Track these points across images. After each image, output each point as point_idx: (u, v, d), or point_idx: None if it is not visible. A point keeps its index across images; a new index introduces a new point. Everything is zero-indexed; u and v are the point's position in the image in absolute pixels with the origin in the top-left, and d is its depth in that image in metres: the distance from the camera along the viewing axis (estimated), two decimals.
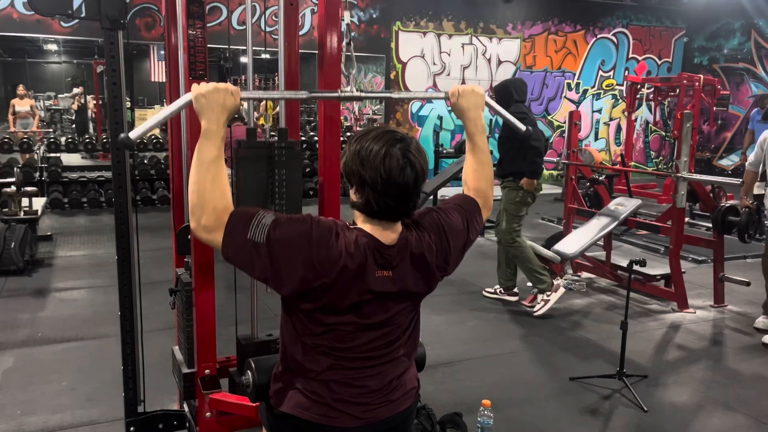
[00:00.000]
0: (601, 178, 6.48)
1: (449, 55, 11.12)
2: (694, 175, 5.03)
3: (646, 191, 9.92)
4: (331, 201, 2.28)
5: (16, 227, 5.81)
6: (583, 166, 6.41)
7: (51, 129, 15.07)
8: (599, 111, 12.70)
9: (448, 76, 11.16)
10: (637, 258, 3.73)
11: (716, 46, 12.90)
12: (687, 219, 6.74)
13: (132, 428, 2.59)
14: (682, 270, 5.06)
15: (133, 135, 1.50)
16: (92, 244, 6.81)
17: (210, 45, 2.19)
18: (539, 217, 8.61)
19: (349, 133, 9.50)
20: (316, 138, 8.37)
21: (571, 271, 5.82)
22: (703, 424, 3.31)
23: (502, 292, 5.11)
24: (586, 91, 12.45)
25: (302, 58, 2.48)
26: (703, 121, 11.11)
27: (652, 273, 5.22)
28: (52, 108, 18.20)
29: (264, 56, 11.30)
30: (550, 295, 4.79)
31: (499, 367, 3.94)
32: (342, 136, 5.15)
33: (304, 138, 9.52)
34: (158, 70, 14.78)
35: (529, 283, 5.24)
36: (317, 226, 1.44)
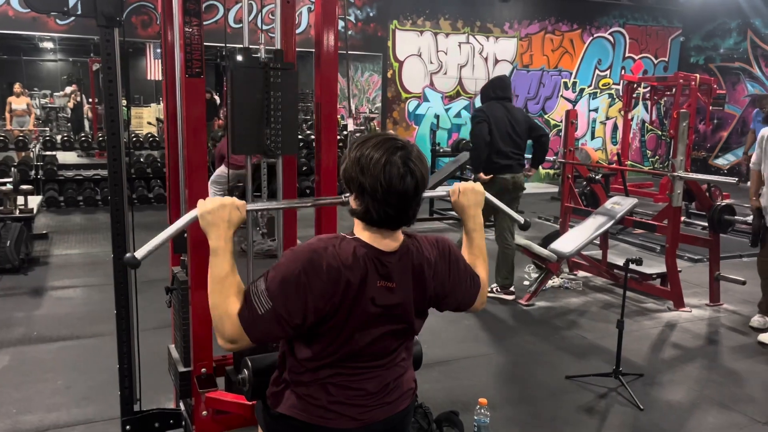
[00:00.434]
0: (597, 177, 6.49)
1: (446, 53, 11.12)
2: (690, 174, 5.04)
3: (642, 190, 9.95)
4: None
5: (11, 225, 5.80)
6: (579, 165, 6.42)
7: (47, 127, 15.02)
8: (596, 110, 12.72)
9: (445, 74, 11.16)
10: (634, 257, 3.74)
11: (712, 46, 12.92)
12: (683, 218, 6.75)
13: (128, 427, 2.59)
14: (678, 269, 5.06)
15: (139, 255, 1.48)
16: (88, 242, 6.80)
17: (206, 43, 2.18)
18: (536, 216, 8.62)
19: (345, 132, 9.49)
20: (313, 137, 8.36)
21: (567, 270, 5.82)
22: (698, 422, 3.31)
23: (499, 290, 5.12)
24: (582, 90, 12.46)
25: (299, 57, 2.48)
26: (699, 121, 11.14)
27: (649, 272, 5.22)
28: (48, 106, 18.14)
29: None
30: (500, 292, 5.10)
31: (495, 365, 3.94)
32: (339, 135, 5.14)
33: (301, 137, 9.51)
34: (154, 68, 14.75)
35: (526, 282, 5.26)
36: (303, 258, 1.43)
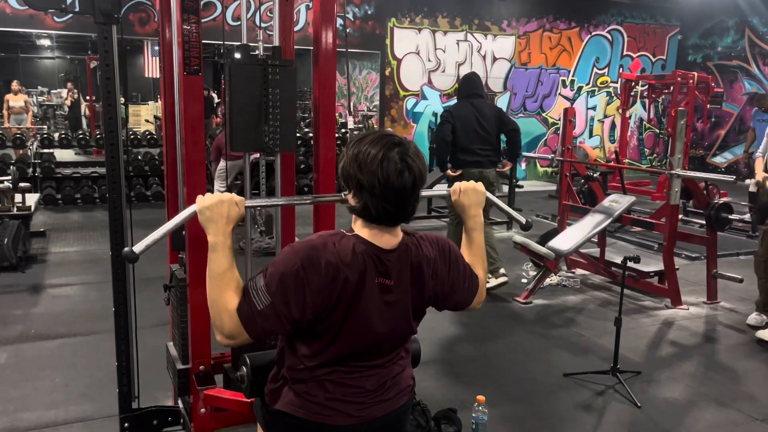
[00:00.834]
0: (595, 175, 6.48)
1: (444, 51, 11.12)
2: (688, 172, 5.05)
3: (640, 188, 9.96)
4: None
5: (9, 223, 5.79)
6: (577, 163, 6.43)
7: (44, 125, 14.99)
8: (594, 108, 12.72)
9: (443, 72, 11.16)
10: (631, 255, 3.75)
11: (710, 44, 12.93)
12: (680, 216, 6.76)
13: (126, 424, 2.59)
14: (676, 267, 5.08)
15: (138, 249, 1.48)
16: (86, 240, 6.79)
17: (204, 41, 2.18)
18: (534, 214, 8.63)
19: (343, 130, 9.48)
20: (311, 134, 8.35)
21: (565, 268, 5.83)
22: (695, 419, 3.32)
23: (490, 277, 5.10)
24: (580, 89, 12.47)
25: (297, 55, 2.48)
26: (697, 119, 11.12)
27: (646, 270, 5.23)
28: (45, 104, 18.11)
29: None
30: (491, 278, 5.07)
31: (493, 363, 3.95)
32: (336, 133, 5.15)
33: (299, 135, 9.49)
34: (152, 66, 14.73)
35: (524, 280, 5.26)
36: (302, 255, 1.43)
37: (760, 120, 9.15)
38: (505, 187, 9.08)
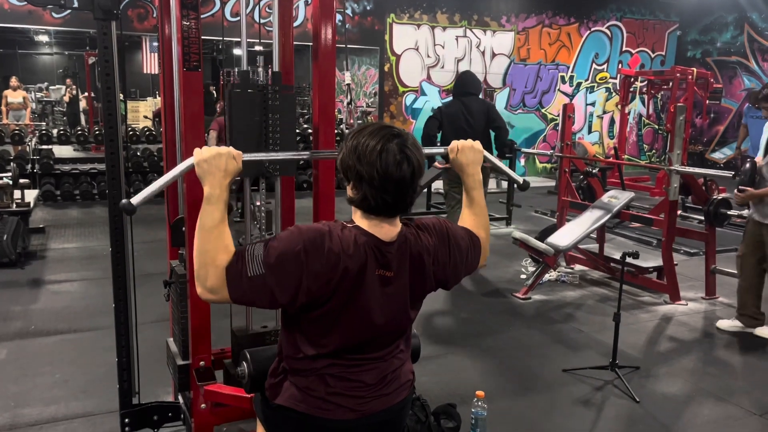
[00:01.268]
0: (594, 171, 6.49)
1: (443, 47, 11.10)
2: (687, 168, 5.04)
3: (639, 184, 9.97)
4: (326, 193, 2.28)
5: (8, 219, 5.79)
6: (576, 159, 6.43)
7: (43, 121, 14.97)
8: (593, 104, 12.72)
9: (442, 68, 11.14)
10: (630, 250, 3.75)
11: (709, 40, 12.92)
12: (679, 212, 6.77)
13: (127, 420, 2.60)
14: (675, 262, 5.08)
15: (135, 201, 1.47)
16: (85, 236, 6.79)
17: (203, 37, 2.18)
18: (533, 210, 8.63)
19: (342, 125, 9.47)
20: (310, 130, 8.35)
21: (564, 264, 5.84)
22: (694, 414, 3.34)
23: None
24: (579, 84, 12.46)
25: (296, 50, 2.48)
26: (696, 115, 11.14)
27: (645, 265, 5.24)
28: (44, 100, 18.07)
29: (258, 48, 11.24)
30: None
31: (492, 358, 3.96)
32: (336, 128, 5.15)
33: (298, 131, 9.49)
34: (151, 62, 14.70)
35: (523, 276, 5.26)
36: (306, 237, 1.43)
37: (752, 116, 9.14)
38: (504, 183, 9.08)
